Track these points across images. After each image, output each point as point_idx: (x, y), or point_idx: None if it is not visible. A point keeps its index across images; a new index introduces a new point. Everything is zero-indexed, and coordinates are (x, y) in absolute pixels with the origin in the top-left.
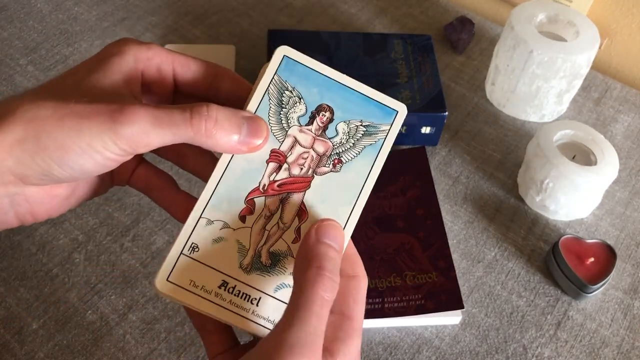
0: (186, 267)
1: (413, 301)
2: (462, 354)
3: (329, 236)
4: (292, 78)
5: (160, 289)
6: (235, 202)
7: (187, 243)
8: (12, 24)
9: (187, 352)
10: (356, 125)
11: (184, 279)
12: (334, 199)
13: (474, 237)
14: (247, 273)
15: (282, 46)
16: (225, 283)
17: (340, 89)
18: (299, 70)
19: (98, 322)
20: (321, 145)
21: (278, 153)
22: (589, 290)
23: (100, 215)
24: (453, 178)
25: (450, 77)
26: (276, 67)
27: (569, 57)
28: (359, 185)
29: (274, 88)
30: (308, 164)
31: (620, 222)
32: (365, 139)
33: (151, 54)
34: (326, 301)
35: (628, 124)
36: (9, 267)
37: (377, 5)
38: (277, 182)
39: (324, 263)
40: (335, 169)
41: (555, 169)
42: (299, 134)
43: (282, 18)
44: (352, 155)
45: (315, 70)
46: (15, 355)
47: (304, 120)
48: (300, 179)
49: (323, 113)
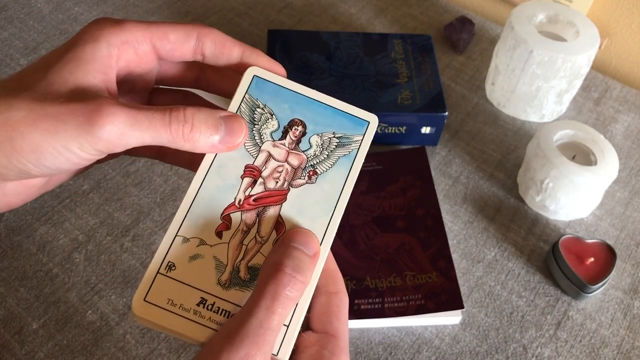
0: (163, 286)
1: (413, 301)
2: (462, 354)
3: (299, 241)
4: (263, 96)
5: (137, 312)
6: (211, 219)
7: (163, 262)
8: (12, 24)
9: (187, 352)
10: (329, 137)
11: (161, 298)
12: (311, 210)
13: (474, 237)
14: (226, 289)
15: (251, 67)
16: (203, 300)
17: (311, 104)
18: (269, 88)
19: (98, 322)
20: (295, 158)
21: (252, 168)
22: (589, 290)
23: (100, 215)
24: (453, 178)
25: (450, 77)
26: (247, 87)
27: (569, 57)
28: (336, 195)
29: (245, 106)
30: (283, 177)
31: (620, 222)
32: (339, 150)
33: (125, 37)
34: (280, 295)
35: (628, 124)
36: (9, 267)
37: (377, 5)
38: (252, 197)
39: (282, 260)
40: (310, 180)
41: (555, 169)
42: (272, 148)
43: (282, 18)
44: (327, 166)
45: (285, 87)
46: (15, 355)
47: (277, 136)
48: (276, 192)
49: (295, 127)
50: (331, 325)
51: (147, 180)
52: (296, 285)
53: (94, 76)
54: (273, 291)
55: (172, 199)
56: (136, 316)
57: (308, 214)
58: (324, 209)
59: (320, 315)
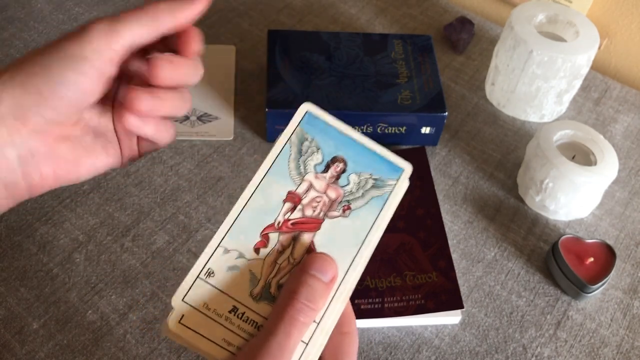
0: (201, 290)
1: (413, 301)
2: (462, 354)
3: (315, 267)
4: (312, 130)
5: (175, 306)
6: (252, 235)
7: (204, 268)
8: (12, 24)
9: (187, 352)
10: (366, 178)
11: (198, 301)
12: (340, 242)
13: (474, 237)
14: (257, 301)
15: (306, 102)
16: (235, 309)
17: (354, 145)
18: (319, 125)
19: (98, 322)
20: (333, 192)
21: (294, 194)
22: (589, 290)
23: (101, 215)
24: (453, 178)
25: (450, 77)
26: (299, 120)
27: (569, 57)
28: (365, 231)
29: (295, 138)
30: (320, 207)
31: (619, 222)
32: (373, 190)
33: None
34: (296, 321)
35: (628, 124)
36: (9, 267)
37: (377, 5)
38: (291, 221)
39: (299, 289)
40: (344, 214)
41: (555, 169)
42: (314, 179)
43: (282, 18)
44: (361, 203)
45: (334, 127)
46: (15, 355)
47: (320, 169)
48: (312, 220)
49: (337, 163)
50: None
51: (147, 180)
52: (308, 312)
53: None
54: (290, 317)
55: (172, 199)
56: (172, 317)
57: (338, 245)
58: (352, 243)
59: (332, 355)
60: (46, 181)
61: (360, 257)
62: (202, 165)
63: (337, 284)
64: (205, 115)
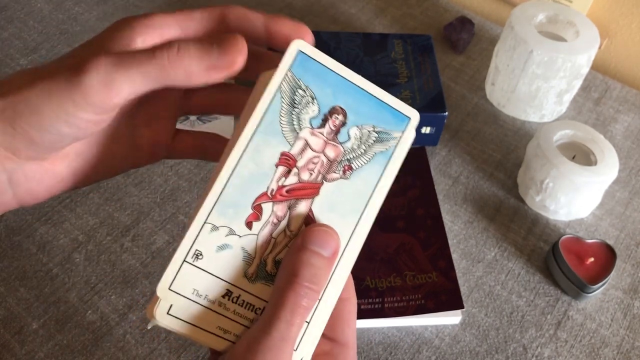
0: (189, 275)
1: (413, 301)
2: (462, 354)
3: (316, 242)
4: (306, 76)
5: (162, 296)
6: (242, 208)
7: (190, 250)
8: (12, 24)
9: (187, 352)
10: (368, 131)
11: (187, 288)
12: (342, 207)
13: (474, 237)
14: (252, 282)
15: (296, 40)
16: (229, 292)
17: (354, 91)
18: (314, 67)
19: (98, 322)
20: (332, 150)
21: (288, 156)
22: (589, 290)
23: (100, 215)
24: (453, 178)
25: (450, 77)
26: (290, 63)
27: (569, 57)
28: (368, 193)
29: (286, 85)
30: (318, 169)
31: (620, 222)
32: (376, 145)
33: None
34: (299, 307)
35: (628, 124)
36: (9, 267)
37: (377, 5)
38: (285, 188)
39: (300, 271)
40: (345, 175)
41: (555, 169)
42: (310, 136)
43: None
44: (363, 162)
45: (330, 69)
46: (15, 355)
47: (316, 123)
48: (309, 185)
49: (336, 116)
50: (342, 333)
51: (147, 180)
52: (312, 295)
53: (109, 48)
54: (292, 304)
55: (172, 199)
56: (159, 308)
57: (339, 211)
58: (354, 208)
59: (332, 322)
60: (39, 195)
61: (364, 223)
62: (202, 165)
63: (339, 255)
64: (205, 115)
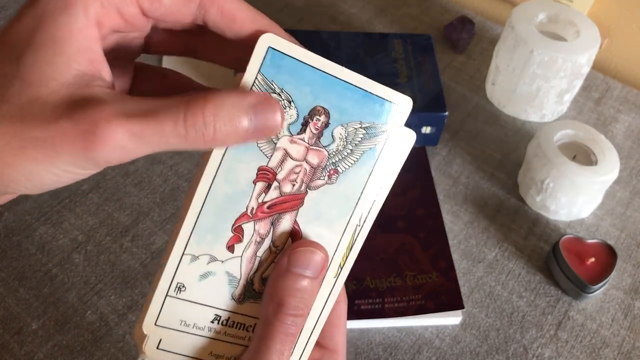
0: (174, 308)
1: (413, 301)
2: (463, 355)
3: (300, 263)
4: (279, 76)
5: (149, 333)
6: (221, 232)
7: (172, 284)
8: None
9: None
10: (355, 129)
11: (173, 320)
12: (329, 213)
13: (474, 237)
14: (240, 303)
15: (265, 34)
16: (218, 317)
17: (337, 85)
18: (288, 64)
19: (98, 322)
20: (315, 156)
21: (266, 171)
22: (590, 291)
23: (100, 215)
24: (453, 178)
25: (451, 77)
26: (259, 64)
27: (570, 57)
28: (356, 195)
29: (257, 90)
30: (301, 178)
31: (620, 222)
32: (364, 144)
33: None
34: (288, 336)
35: (628, 124)
36: (9, 267)
37: (377, 5)
38: (266, 204)
39: (286, 300)
40: (330, 180)
41: (556, 169)
42: (289, 145)
43: (282, 18)
44: (350, 163)
45: (307, 64)
46: (14, 355)
47: (295, 129)
48: (292, 197)
49: (317, 117)
50: (332, 339)
51: (146, 180)
52: (299, 321)
53: (78, 62)
54: (282, 334)
55: (171, 199)
56: (148, 344)
57: (326, 218)
58: (341, 212)
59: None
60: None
61: (356, 224)
62: None
63: (329, 261)
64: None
